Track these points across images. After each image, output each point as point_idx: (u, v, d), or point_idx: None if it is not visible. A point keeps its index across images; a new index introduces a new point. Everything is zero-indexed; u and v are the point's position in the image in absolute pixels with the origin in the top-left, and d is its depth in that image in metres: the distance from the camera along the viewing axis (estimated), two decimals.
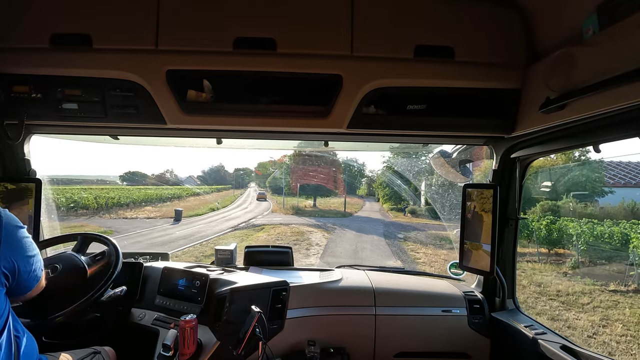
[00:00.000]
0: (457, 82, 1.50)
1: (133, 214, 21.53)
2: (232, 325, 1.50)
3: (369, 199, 31.93)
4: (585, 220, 11.19)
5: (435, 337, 1.88)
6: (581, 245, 9.73)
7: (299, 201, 27.09)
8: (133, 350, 1.68)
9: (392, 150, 2.38)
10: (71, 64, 1.45)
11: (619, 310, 6.85)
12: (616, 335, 5.82)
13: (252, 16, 1.45)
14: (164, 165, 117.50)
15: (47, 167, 2.00)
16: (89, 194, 22.12)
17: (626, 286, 8.05)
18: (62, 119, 1.53)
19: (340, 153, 21.89)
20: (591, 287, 8.11)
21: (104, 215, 20.24)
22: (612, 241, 9.54)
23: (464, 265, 1.88)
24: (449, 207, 2.85)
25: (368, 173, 17.01)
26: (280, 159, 30.38)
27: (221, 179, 56.10)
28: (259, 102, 1.58)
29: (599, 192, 15.45)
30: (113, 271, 1.53)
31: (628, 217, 12.31)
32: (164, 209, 23.49)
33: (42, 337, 1.53)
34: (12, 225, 0.97)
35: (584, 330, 6.00)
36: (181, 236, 13.95)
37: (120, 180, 38.36)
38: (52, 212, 2.08)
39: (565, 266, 9.55)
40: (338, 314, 1.87)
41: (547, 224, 10.74)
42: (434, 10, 1.48)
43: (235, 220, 19.65)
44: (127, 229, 15.81)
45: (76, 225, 15.24)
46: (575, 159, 15.91)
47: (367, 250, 12.52)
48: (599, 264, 9.52)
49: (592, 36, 1.13)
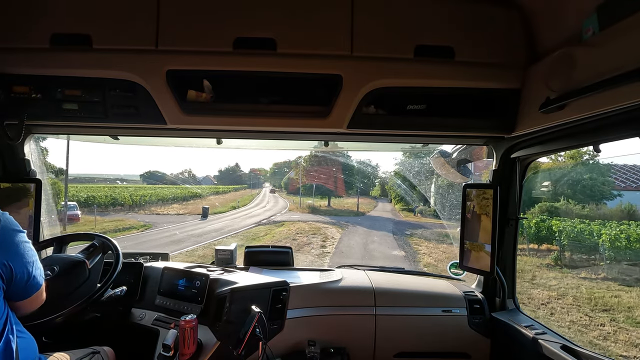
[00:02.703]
0: (457, 82, 1.50)
1: (163, 210, 23.87)
2: (232, 325, 1.50)
3: (382, 200, 32.97)
4: (569, 219, 12.59)
5: (435, 337, 1.88)
6: (563, 240, 11.06)
7: (314, 201, 28.97)
8: (133, 350, 1.68)
9: (403, 150, 2.39)
10: (71, 64, 1.45)
11: (578, 290, 8.62)
12: (563, 304, 7.75)
13: (252, 16, 1.45)
14: (181, 165, 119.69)
15: (77, 167, 2.07)
16: (124, 192, 24.54)
17: (596, 274, 9.70)
18: (62, 119, 1.53)
19: (354, 155, 22.87)
20: (565, 274, 9.82)
21: (139, 211, 22.33)
22: (591, 237, 10.88)
23: (464, 265, 1.88)
24: (449, 207, 2.86)
25: (382, 174, 17.55)
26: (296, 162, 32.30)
27: (237, 178, 57.57)
28: (259, 102, 1.58)
29: (607, 195, 15.69)
30: (113, 271, 1.53)
31: (623, 218, 13.21)
32: (190, 206, 25.85)
33: (42, 337, 1.53)
34: (10, 229, 0.97)
35: (540, 300, 7.90)
36: (212, 230, 16.14)
37: (141, 179, 39.67)
38: (52, 212, 2.07)
39: (549, 258, 11.07)
40: (338, 314, 1.87)
41: (536, 222, 12.22)
42: (434, 10, 1.48)
43: (257, 217, 21.65)
44: (162, 223, 18.07)
45: (118, 219, 18.03)
46: (584, 162, 16.13)
47: (375, 243, 14.19)
48: (577, 256, 11.02)
49: (592, 36, 1.13)
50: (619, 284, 8.97)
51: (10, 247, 0.95)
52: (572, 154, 15.99)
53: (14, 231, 0.98)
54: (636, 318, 7.14)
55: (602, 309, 7.54)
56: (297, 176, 33.39)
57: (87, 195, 21.42)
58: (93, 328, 1.68)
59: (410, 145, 2.42)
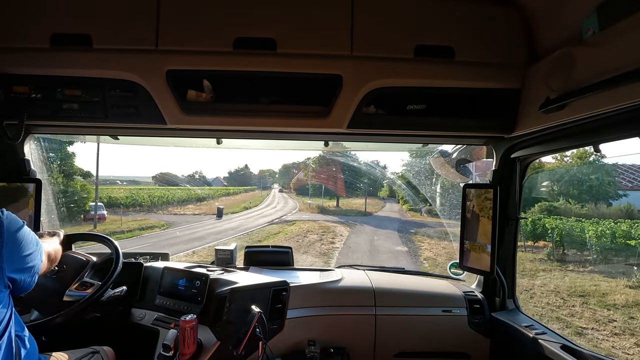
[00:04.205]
0: (457, 82, 1.50)
1: (180, 210, 25.59)
2: (232, 325, 1.50)
3: (390, 200, 33.82)
4: (565, 218, 13.63)
5: (435, 337, 1.88)
6: (556, 237, 12.14)
7: (323, 201, 30.33)
8: (133, 350, 1.68)
9: (410, 151, 2.40)
10: (71, 64, 1.45)
11: (562, 280, 9.68)
12: (544, 290, 8.86)
13: (252, 16, 1.45)
14: (191, 166, 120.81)
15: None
16: (142, 193, 25.91)
17: (583, 267, 10.72)
18: (62, 119, 1.53)
19: (361, 157, 23.44)
20: (554, 267, 10.83)
21: (157, 211, 23.74)
22: (582, 234, 11.92)
23: (464, 265, 1.88)
24: (449, 206, 2.86)
25: (390, 175, 18.00)
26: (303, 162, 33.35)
27: (246, 180, 58.54)
28: (259, 102, 1.58)
29: (613, 196, 15.97)
30: (113, 271, 1.53)
31: (621, 217, 14.03)
32: (204, 207, 27.69)
33: (42, 337, 1.53)
34: (14, 228, 0.97)
35: (524, 287, 8.85)
36: (229, 228, 18.04)
37: (153, 181, 40.76)
38: (52, 212, 2.07)
39: (542, 254, 12.10)
40: (338, 314, 1.87)
41: (532, 221, 13.29)
42: (434, 10, 1.48)
43: (269, 217, 23.14)
44: (180, 222, 19.85)
45: (141, 219, 19.57)
46: (591, 162, 16.41)
47: (381, 239, 15.55)
48: (568, 251, 12.17)
49: (592, 36, 1.13)
50: (604, 276, 9.86)
51: (15, 246, 0.96)
52: (580, 154, 16.38)
53: (18, 230, 0.98)
54: (606, 302, 8.07)
55: (579, 295, 8.48)
56: (306, 177, 34.08)
57: (109, 196, 22.71)
58: (93, 328, 1.68)
59: (410, 145, 2.42)
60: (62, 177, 15.65)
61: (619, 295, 8.44)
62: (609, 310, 7.71)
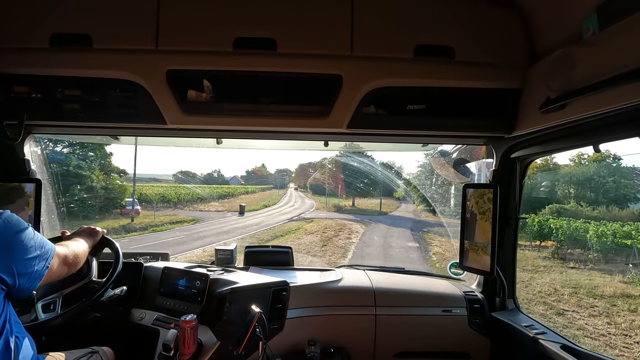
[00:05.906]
0: (457, 82, 1.50)
1: (205, 207, 27.34)
2: (232, 325, 1.50)
3: (405, 201, 34.36)
4: (571, 219, 14.62)
5: (435, 337, 1.88)
6: (560, 237, 13.06)
7: (339, 201, 31.62)
8: (133, 351, 1.68)
9: (424, 150, 2.41)
10: (71, 64, 1.44)
11: (560, 275, 10.47)
12: (540, 282, 9.67)
13: (252, 16, 1.45)
14: (209, 165, 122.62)
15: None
16: (170, 190, 28.41)
17: (584, 265, 11.56)
18: (62, 119, 1.53)
19: (377, 157, 23.79)
20: (556, 264, 11.68)
21: (183, 208, 25.90)
22: (586, 234, 12.79)
23: (464, 265, 1.88)
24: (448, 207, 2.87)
25: (406, 176, 18.49)
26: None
27: (263, 179, 59.51)
28: (259, 102, 1.58)
29: (631, 198, 16.50)
30: (113, 271, 1.53)
31: (632, 219, 14.70)
32: (227, 204, 29.90)
33: (41, 336, 1.53)
34: (11, 231, 0.95)
35: (520, 278, 9.41)
36: (252, 224, 19.65)
37: (174, 179, 42.08)
38: (52, 212, 2.07)
39: (547, 252, 13.01)
40: (338, 314, 1.87)
41: (539, 221, 14.24)
42: (434, 10, 1.48)
43: (288, 214, 24.56)
44: (205, 218, 21.53)
45: (171, 215, 21.40)
46: (607, 165, 16.79)
47: (394, 237, 16.81)
48: (571, 250, 13.01)
49: (592, 36, 1.13)
50: (602, 273, 10.63)
51: (10, 248, 0.94)
52: (596, 157, 16.87)
53: (17, 232, 0.97)
54: (595, 293, 8.96)
55: (572, 287, 9.33)
56: (323, 176, 34.78)
57: (141, 192, 24.39)
58: (93, 328, 1.68)
59: (410, 145, 2.42)
60: (103, 175, 17.38)
61: (608, 288, 9.24)
62: (594, 299, 8.60)
